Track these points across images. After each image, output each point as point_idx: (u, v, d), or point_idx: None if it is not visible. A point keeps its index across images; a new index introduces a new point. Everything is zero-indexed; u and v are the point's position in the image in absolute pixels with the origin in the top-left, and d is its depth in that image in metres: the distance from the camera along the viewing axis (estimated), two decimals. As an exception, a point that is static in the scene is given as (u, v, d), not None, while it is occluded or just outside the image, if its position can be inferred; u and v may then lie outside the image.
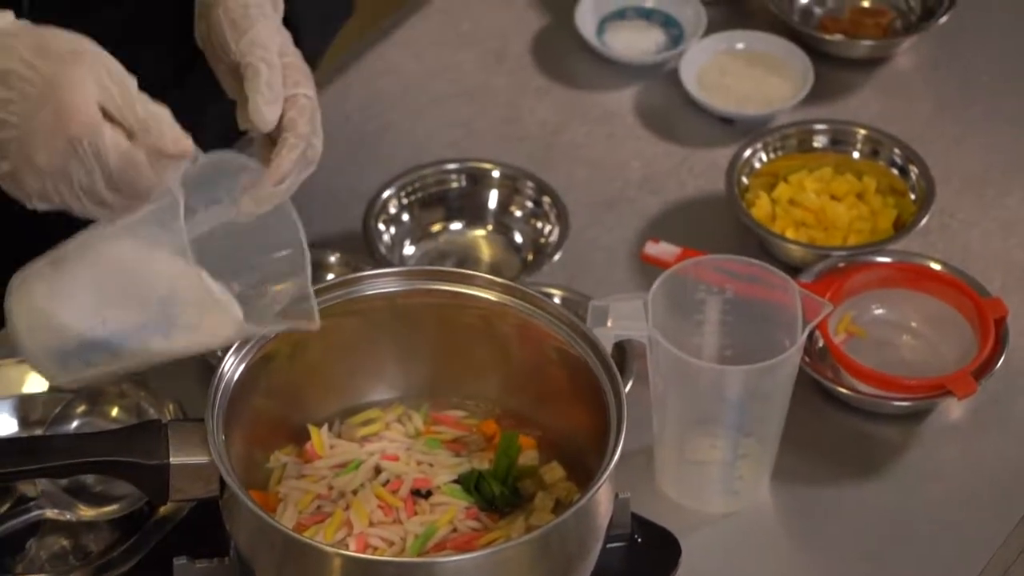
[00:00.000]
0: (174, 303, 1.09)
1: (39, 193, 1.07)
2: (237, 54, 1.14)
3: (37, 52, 1.05)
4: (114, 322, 1.10)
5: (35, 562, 1.26)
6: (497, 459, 1.19)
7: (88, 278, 1.10)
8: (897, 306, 1.43)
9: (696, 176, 1.56)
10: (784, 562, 1.30)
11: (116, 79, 1.06)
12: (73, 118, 1.04)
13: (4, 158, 1.06)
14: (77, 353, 1.11)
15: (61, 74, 1.04)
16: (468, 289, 1.22)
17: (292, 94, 1.13)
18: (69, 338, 1.11)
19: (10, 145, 1.05)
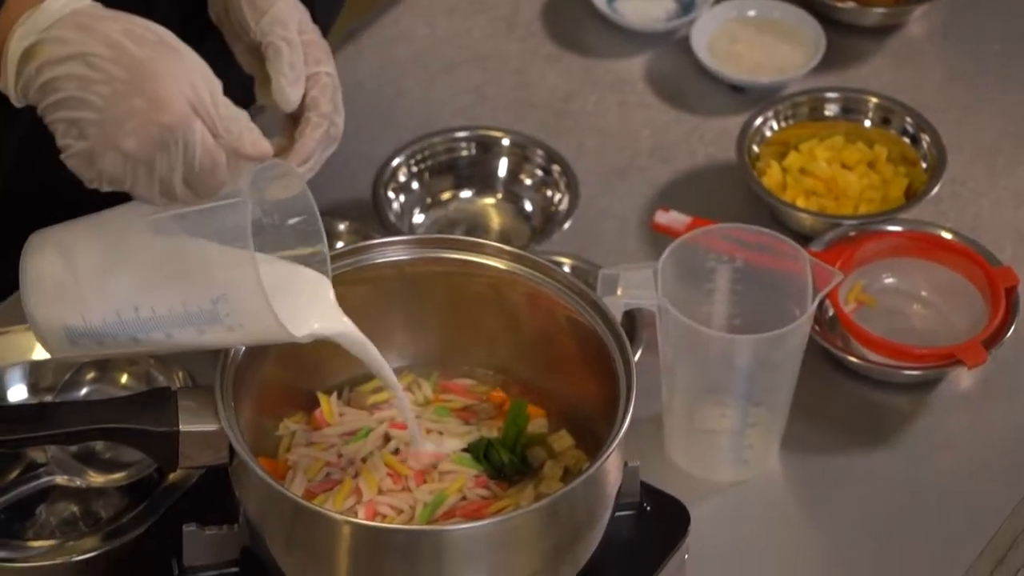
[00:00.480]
0: (227, 303, 1.08)
1: (112, 177, 1.06)
2: (257, 33, 1.14)
3: (127, 36, 1.05)
4: (149, 311, 1.09)
5: (45, 528, 1.26)
6: (506, 427, 1.19)
7: (133, 261, 1.09)
8: (908, 275, 1.42)
9: (707, 144, 1.56)
10: (793, 530, 1.30)
11: (206, 78, 1.07)
12: (168, 109, 1.04)
13: (82, 138, 1.05)
14: (94, 334, 1.10)
15: (157, 63, 1.05)
16: (477, 257, 1.22)
17: (314, 72, 1.14)
18: (91, 319, 1.09)
19: (91, 127, 1.05)
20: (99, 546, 1.23)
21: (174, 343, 1.10)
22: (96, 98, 1.04)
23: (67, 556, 1.22)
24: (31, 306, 1.11)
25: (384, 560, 1.09)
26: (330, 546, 1.09)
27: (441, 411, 1.22)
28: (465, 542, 1.08)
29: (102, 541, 1.23)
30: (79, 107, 1.05)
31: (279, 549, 1.12)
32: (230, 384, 1.14)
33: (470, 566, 1.09)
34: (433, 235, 1.37)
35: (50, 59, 1.05)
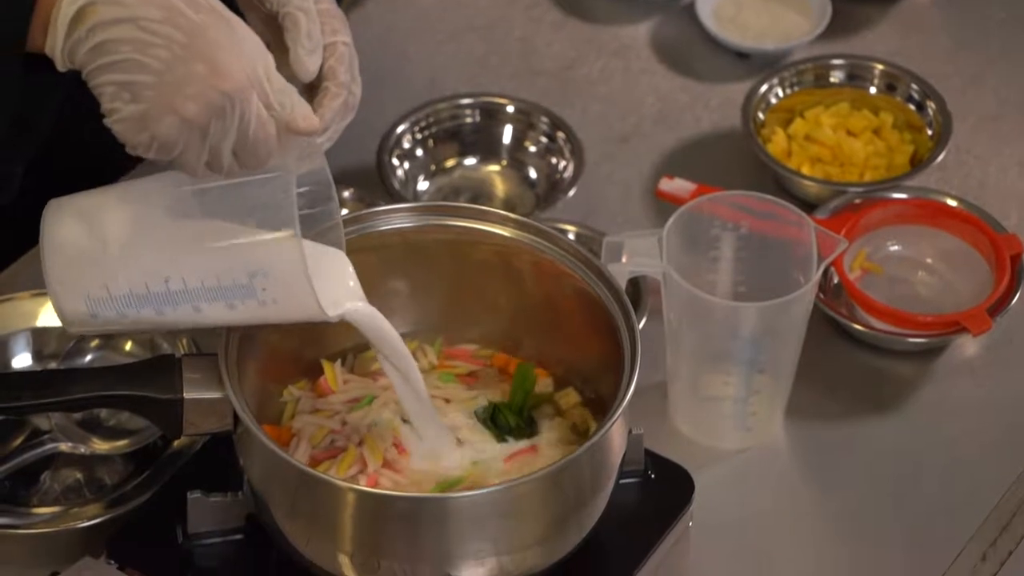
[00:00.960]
0: (265, 277, 1.07)
1: (165, 141, 1.05)
2: (274, 4, 1.13)
3: (182, 1, 1.05)
4: (180, 283, 1.08)
5: (49, 494, 1.26)
6: (513, 391, 1.19)
7: (166, 231, 1.07)
8: (913, 242, 1.42)
9: (712, 111, 1.55)
10: (797, 498, 1.30)
11: (260, 49, 1.07)
12: (228, 76, 1.04)
13: (135, 101, 1.04)
14: (117, 306, 1.08)
15: (215, 30, 1.04)
16: (482, 225, 1.22)
17: (331, 42, 1.14)
18: (117, 289, 1.08)
19: (146, 90, 1.04)
20: (103, 513, 1.23)
21: (201, 318, 1.09)
22: (154, 61, 1.03)
23: (71, 523, 1.23)
24: (51, 274, 1.09)
25: (388, 527, 1.09)
26: (334, 513, 1.09)
27: (446, 377, 1.22)
28: (469, 509, 1.09)
29: (106, 508, 1.23)
30: (134, 70, 1.04)
31: (283, 516, 1.12)
32: (234, 351, 1.14)
33: (474, 533, 1.09)
34: (437, 202, 1.37)
35: (103, 21, 1.03)
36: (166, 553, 1.16)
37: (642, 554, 1.17)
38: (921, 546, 1.26)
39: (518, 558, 1.11)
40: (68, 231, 1.08)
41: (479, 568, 1.10)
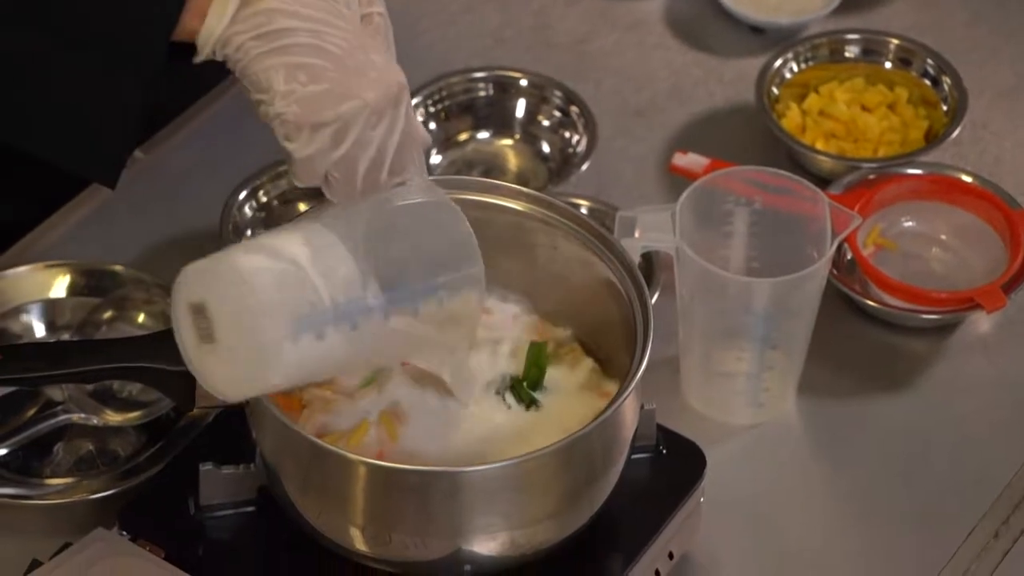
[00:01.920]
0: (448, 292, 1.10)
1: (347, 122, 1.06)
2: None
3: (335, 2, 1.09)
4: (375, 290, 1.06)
5: (62, 465, 1.27)
6: (527, 370, 1.19)
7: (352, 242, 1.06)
8: (927, 218, 1.42)
9: (725, 86, 1.55)
10: (809, 474, 1.30)
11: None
12: (399, 71, 1.08)
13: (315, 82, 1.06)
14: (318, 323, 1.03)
15: (366, 31, 1.10)
16: (495, 199, 1.21)
17: (367, 13, 1.14)
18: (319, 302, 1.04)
19: (327, 72, 1.06)
20: (115, 484, 1.23)
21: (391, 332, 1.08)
22: (332, 47, 1.06)
23: (83, 494, 1.23)
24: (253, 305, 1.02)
25: (399, 500, 1.09)
26: (345, 486, 1.10)
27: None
28: (480, 483, 1.09)
29: (118, 480, 1.24)
30: (311, 54, 1.06)
31: (295, 489, 1.12)
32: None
33: (485, 507, 1.09)
34: (450, 176, 1.37)
35: (272, 8, 1.06)
36: (178, 525, 1.16)
37: (653, 529, 1.17)
38: (933, 523, 1.26)
39: (529, 532, 1.11)
40: (251, 262, 1.04)
41: (490, 542, 1.10)
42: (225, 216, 1.40)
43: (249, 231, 1.42)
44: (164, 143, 1.49)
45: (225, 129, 1.50)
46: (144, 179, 1.46)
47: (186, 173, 1.47)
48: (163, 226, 1.43)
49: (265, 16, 1.07)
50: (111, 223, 1.43)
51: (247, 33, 1.07)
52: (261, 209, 1.43)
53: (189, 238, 1.42)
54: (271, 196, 1.44)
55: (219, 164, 1.47)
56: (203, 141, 1.49)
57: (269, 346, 1.03)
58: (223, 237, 1.39)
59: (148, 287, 1.34)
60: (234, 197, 1.42)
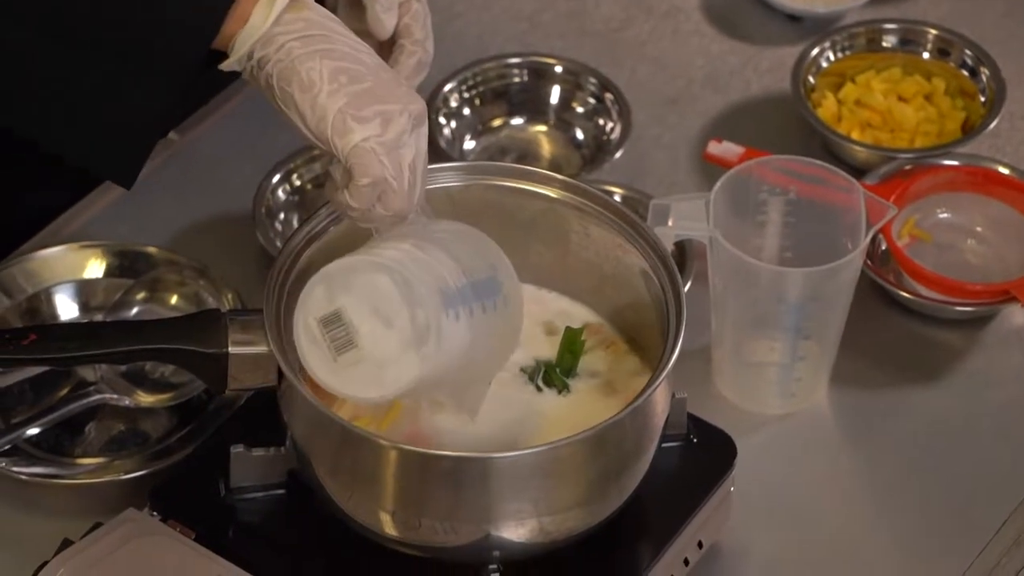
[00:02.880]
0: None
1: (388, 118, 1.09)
2: None
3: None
4: (464, 279, 1.09)
5: (94, 445, 1.27)
6: (560, 355, 1.19)
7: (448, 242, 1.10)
8: (962, 210, 1.41)
9: (761, 75, 1.54)
10: (839, 465, 1.30)
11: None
12: (421, 101, 1.11)
13: (356, 83, 1.08)
14: (455, 302, 1.06)
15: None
16: (528, 185, 1.21)
17: (404, 1, 1.15)
18: (450, 281, 1.07)
19: (366, 76, 1.09)
20: (146, 465, 1.24)
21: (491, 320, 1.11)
22: (368, 60, 1.09)
23: (114, 475, 1.23)
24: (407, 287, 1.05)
25: (430, 485, 1.09)
26: (376, 470, 1.10)
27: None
28: (511, 469, 1.09)
29: (149, 460, 1.24)
30: (350, 60, 1.09)
31: (325, 472, 1.12)
32: (279, 306, 1.14)
33: (516, 494, 1.09)
34: (484, 162, 1.37)
35: (317, 19, 1.09)
36: (208, 506, 1.17)
37: (683, 518, 1.17)
38: (964, 516, 1.25)
39: (559, 519, 1.11)
40: (374, 257, 1.07)
41: (519, 528, 1.10)
42: (258, 199, 1.41)
43: (282, 214, 1.42)
44: (198, 125, 1.49)
45: (260, 112, 1.50)
46: (178, 161, 1.46)
47: (220, 155, 1.47)
48: (197, 208, 1.43)
49: (306, 23, 1.09)
50: (145, 205, 1.43)
51: (291, 35, 1.09)
52: (295, 193, 1.43)
53: (222, 220, 1.42)
54: (304, 180, 1.44)
55: (253, 147, 1.47)
56: (238, 124, 1.50)
57: (424, 325, 1.05)
58: (256, 220, 1.39)
59: (181, 269, 1.34)
60: (268, 180, 1.42)
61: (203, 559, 1.13)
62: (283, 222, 1.41)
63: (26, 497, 1.24)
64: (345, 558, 1.15)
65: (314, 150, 1.44)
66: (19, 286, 1.33)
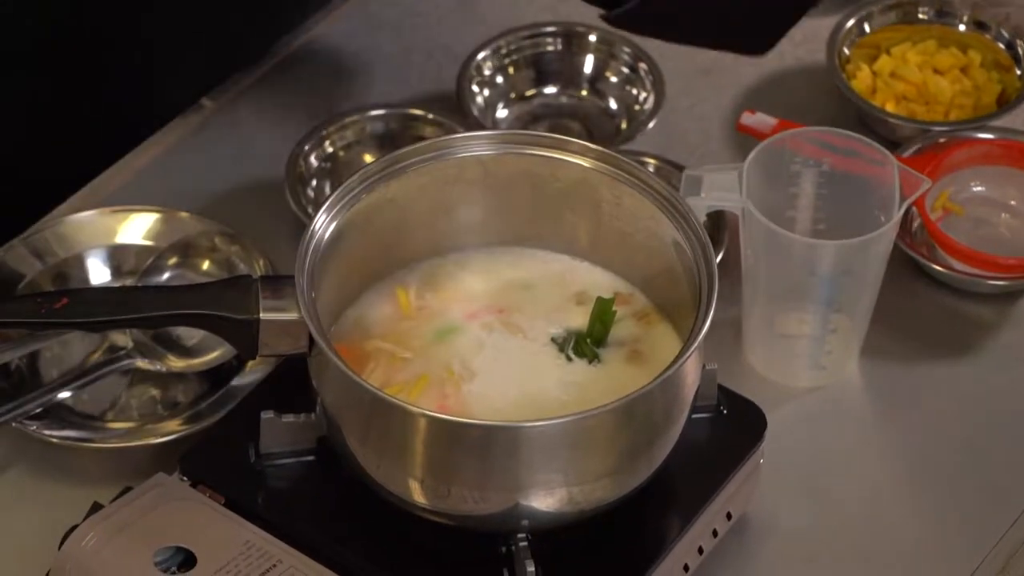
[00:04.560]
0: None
1: None
2: None
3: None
4: None
5: (125, 410, 1.27)
6: (591, 325, 1.19)
7: None
8: (997, 184, 1.40)
9: (796, 46, 1.53)
10: (870, 438, 1.29)
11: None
12: None
13: None
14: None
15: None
16: (561, 154, 1.21)
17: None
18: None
19: None
20: (177, 430, 1.24)
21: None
22: None
23: (146, 439, 1.24)
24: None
25: (459, 454, 1.09)
26: (406, 438, 1.10)
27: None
28: (541, 439, 1.09)
29: (180, 425, 1.25)
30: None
31: (355, 440, 1.12)
32: (311, 273, 1.14)
33: (545, 463, 1.09)
34: (517, 131, 1.36)
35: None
36: (238, 471, 1.17)
37: (712, 489, 1.17)
38: (994, 491, 1.25)
39: (587, 489, 1.11)
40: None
41: (548, 498, 1.10)
42: (290, 165, 1.41)
43: (314, 181, 1.42)
44: (231, 92, 1.49)
45: (293, 79, 1.50)
46: (211, 127, 1.46)
47: (253, 122, 1.47)
48: (229, 174, 1.43)
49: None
50: (177, 170, 1.43)
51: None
52: (327, 160, 1.43)
53: (255, 186, 1.42)
54: (337, 147, 1.44)
55: (286, 113, 1.47)
56: (270, 90, 1.49)
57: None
58: (288, 186, 1.39)
59: (213, 235, 1.34)
60: (300, 147, 1.42)
61: (232, 524, 1.14)
62: (315, 189, 1.41)
63: (57, 460, 1.25)
64: (374, 525, 1.15)
65: (347, 117, 1.44)
66: (51, 250, 1.34)
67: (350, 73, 1.51)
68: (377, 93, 1.48)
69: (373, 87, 1.48)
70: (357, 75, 1.50)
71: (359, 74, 1.50)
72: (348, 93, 1.48)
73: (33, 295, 1.20)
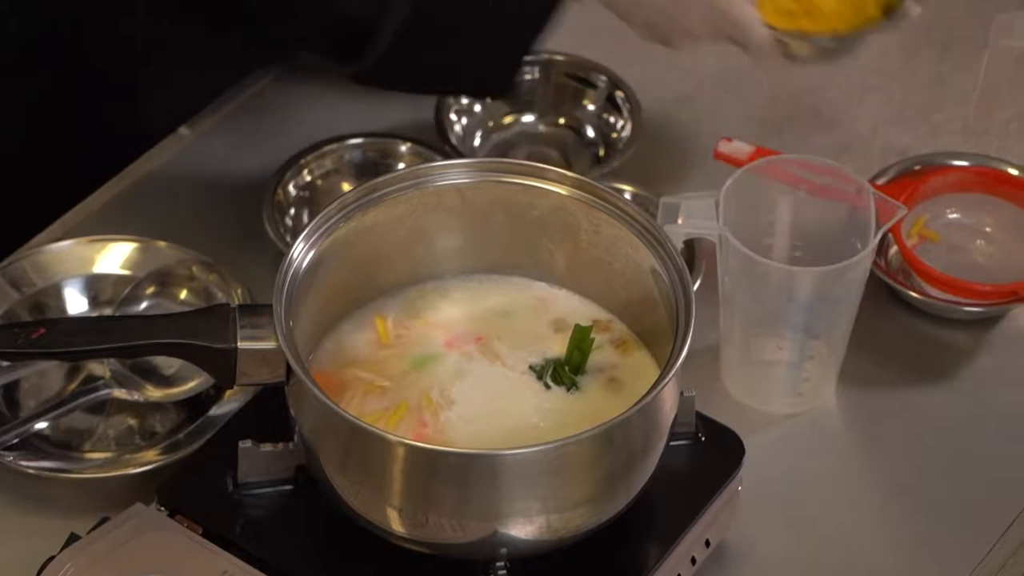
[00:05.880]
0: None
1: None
2: None
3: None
4: None
5: (102, 440, 1.27)
6: (569, 352, 1.19)
7: None
8: (972, 210, 1.41)
9: (772, 74, 1.54)
10: (847, 465, 1.30)
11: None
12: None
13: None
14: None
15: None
16: (539, 182, 1.21)
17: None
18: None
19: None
20: (155, 460, 1.24)
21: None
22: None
23: (123, 469, 1.24)
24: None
25: (438, 482, 1.09)
26: (384, 467, 1.10)
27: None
28: (519, 467, 1.09)
29: (158, 455, 1.24)
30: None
31: (333, 468, 1.12)
32: (289, 301, 1.14)
33: (524, 491, 1.09)
34: (494, 159, 1.36)
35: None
36: (215, 501, 1.17)
37: (691, 516, 1.17)
38: (971, 518, 1.25)
39: (566, 516, 1.11)
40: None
41: (527, 526, 1.10)
42: (269, 194, 1.41)
43: (292, 210, 1.42)
44: (209, 120, 1.49)
45: (271, 107, 1.51)
46: (189, 156, 1.47)
47: (231, 150, 1.48)
48: (207, 203, 1.43)
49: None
50: (155, 199, 1.43)
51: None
52: (305, 188, 1.43)
53: (233, 215, 1.42)
54: (315, 175, 1.44)
55: (264, 142, 1.47)
56: (248, 119, 1.50)
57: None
58: (266, 215, 1.39)
59: (190, 263, 1.34)
60: (278, 175, 1.42)
61: (210, 554, 1.13)
62: (293, 217, 1.42)
63: (34, 491, 1.24)
64: (352, 554, 1.15)
65: (325, 146, 1.44)
66: (29, 280, 1.33)
67: (328, 101, 1.51)
68: (355, 121, 1.48)
69: (351, 115, 1.49)
70: (335, 103, 1.51)
71: (337, 102, 1.51)
72: (326, 121, 1.48)
73: (10, 325, 1.19)
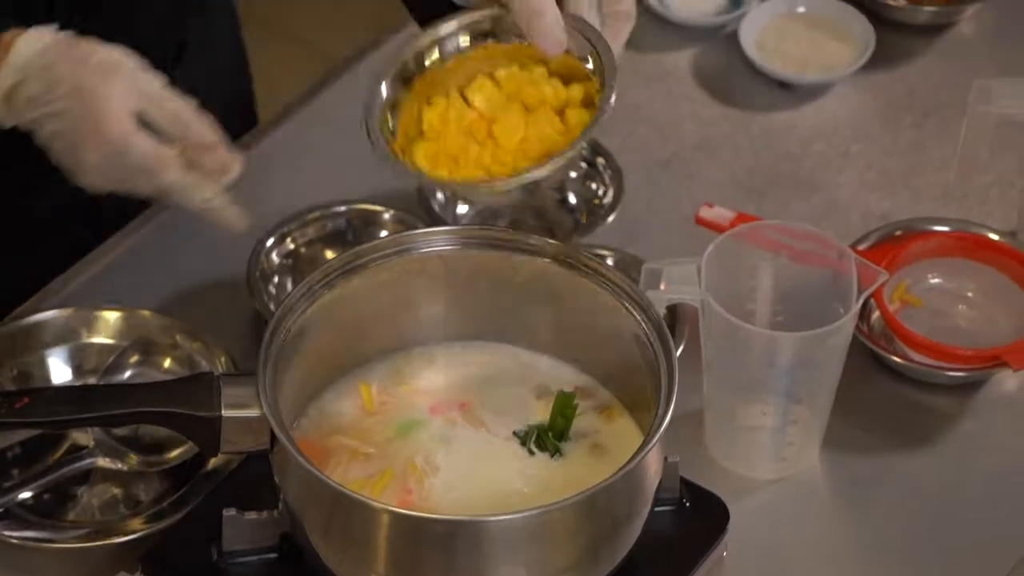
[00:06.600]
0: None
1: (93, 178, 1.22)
2: None
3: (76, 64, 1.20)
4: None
5: (86, 510, 1.27)
6: (552, 419, 1.19)
7: None
8: (953, 275, 1.41)
9: (752, 140, 1.55)
10: (832, 529, 1.30)
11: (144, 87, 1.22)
12: (108, 127, 1.20)
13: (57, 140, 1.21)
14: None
15: (98, 87, 1.20)
16: (520, 250, 1.22)
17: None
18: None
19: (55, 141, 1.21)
20: (139, 529, 1.23)
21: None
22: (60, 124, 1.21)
23: (106, 539, 1.23)
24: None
25: (422, 549, 1.09)
26: (369, 534, 1.10)
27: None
28: (504, 533, 1.08)
29: (142, 524, 1.24)
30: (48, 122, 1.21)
31: (318, 536, 1.12)
32: (273, 370, 1.14)
33: (508, 557, 1.09)
34: (477, 226, 1.37)
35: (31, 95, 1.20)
36: (200, 570, 1.16)
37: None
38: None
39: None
40: None
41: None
42: (253, 262, 1.41)
43: (276, 278, 1.42)
44: (193, 189, 1.50)
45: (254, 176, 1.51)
46: (171, 224, 1.47)
47: (214, 219, 1.48)
48: (190, 271, 1.43)
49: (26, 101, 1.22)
50: (138, 268, 1.43)
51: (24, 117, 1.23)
52: (288, 256, 1.43)
53: (216, 284, 1.42)
54: (299, 243, 1.44)
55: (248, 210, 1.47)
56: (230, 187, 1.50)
57: None
58: (250, 283, 1.39)
59: (174, 332, 1.34)
60: (261, 243, 1.42)
61: (195, 623, 1.13)
62: (277, 285, 1.42)
63: (18, 561, 1.24)
64: (337, 622, 1.15)
65: (309, 213, 1.44)
66: (12, 350, 1.33)
67: (311, 170, 1.51)
68: (338, 190, 1.48)
69: (334, 184, 1.49)
70: (318, 172, 1.51)
71: (320, 171, 1.51)
72: (309, 190, 1.48)
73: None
